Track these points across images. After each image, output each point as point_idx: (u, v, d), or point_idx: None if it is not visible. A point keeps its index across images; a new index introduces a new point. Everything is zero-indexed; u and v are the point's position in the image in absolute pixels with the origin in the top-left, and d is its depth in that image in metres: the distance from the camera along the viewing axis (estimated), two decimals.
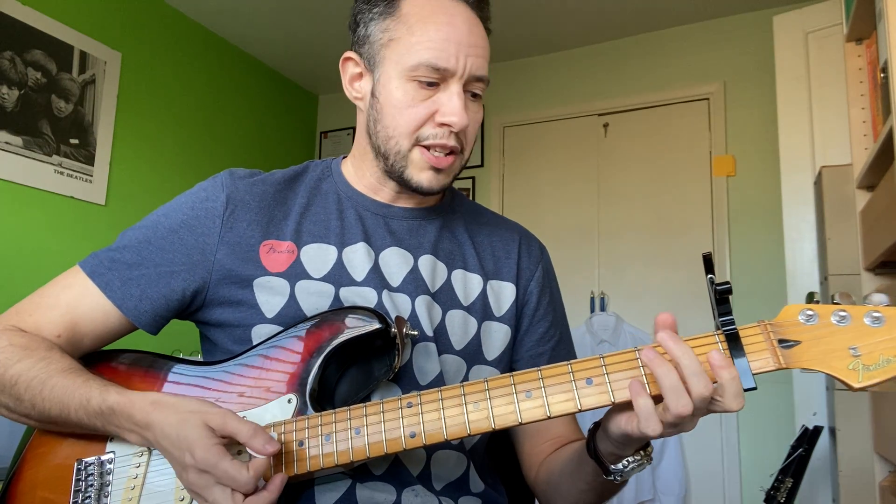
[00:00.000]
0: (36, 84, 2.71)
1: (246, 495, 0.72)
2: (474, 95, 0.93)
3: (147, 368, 0.92)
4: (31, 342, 0.87)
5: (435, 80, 0.89)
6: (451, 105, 0.89)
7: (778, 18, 2.65)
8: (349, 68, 0.98)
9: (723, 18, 3.37)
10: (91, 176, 2.90)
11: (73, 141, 2.84)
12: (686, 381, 0.69)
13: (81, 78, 2.89)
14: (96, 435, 0.86)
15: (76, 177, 2.84)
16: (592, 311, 3.44)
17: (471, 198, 3.76)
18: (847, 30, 1.82)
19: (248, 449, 0.74)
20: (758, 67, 3.20)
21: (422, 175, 0.93)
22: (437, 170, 0.92)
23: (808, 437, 2.11)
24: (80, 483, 0.85)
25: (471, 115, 0.93)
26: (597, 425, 0.80)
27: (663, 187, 3.41)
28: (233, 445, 0.77)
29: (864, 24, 1.74)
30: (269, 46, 3.77)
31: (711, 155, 3.34)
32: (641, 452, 0.78)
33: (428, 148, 0.91)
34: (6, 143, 2.59)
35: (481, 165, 3.85)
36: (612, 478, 0.79)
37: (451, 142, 0.91)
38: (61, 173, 2.78)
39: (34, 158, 2.68)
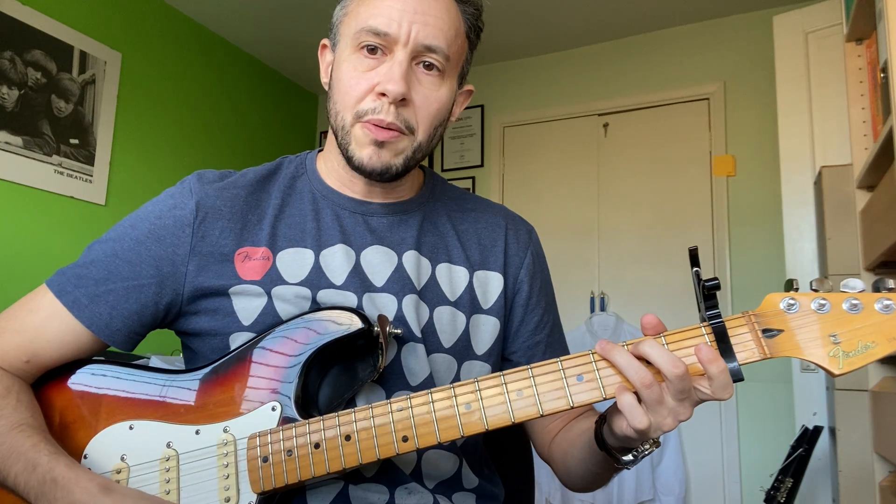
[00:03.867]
0: (36, 84, 2.71)
1: None
2: (429, 67, 0.86)
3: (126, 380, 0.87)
4: None
5: (377, 45, 0.85)
6: (388, 73, 0.84)
7: (778, 18, 2.65)
8: (326, 56, 0.96)
9: (723, 18, 3.37)
10: (91, 176, 2.90)
11: (73, 141, 2.84)
12: (660, 369, 0.71)
13: (81, 78, 2.89)
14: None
15: (76, 177, 2.84)
16: (592, 311, 3.44)
17: None
18: (847, 30, 1.82)
19: None
20: (758, 67, 3.20)
21: (363, 152, 0.87)
22: (378, 143, 0.86)
23: (808, 437, 2.11)
24: None
25: (421, 89, 0.86)
26: (602, 418, 0.80)
27: (663, 187, 3.41)
28: None
29: (864, 24, 1.74)
30: (269, 46, 3.76)
31: (711, 155, 3.34)
32: (649, 440, 0.78)
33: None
34: (6, 143, 2.59)
35: (481, 165, 3.84)
36: (622, 466, 0.80)
37: (389, 117, 0.84)
38: (61, 173, 2.78)
39: (34, 158, 2.68)
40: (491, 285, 0.98)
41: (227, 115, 3.67)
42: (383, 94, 0.84)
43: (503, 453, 1.12)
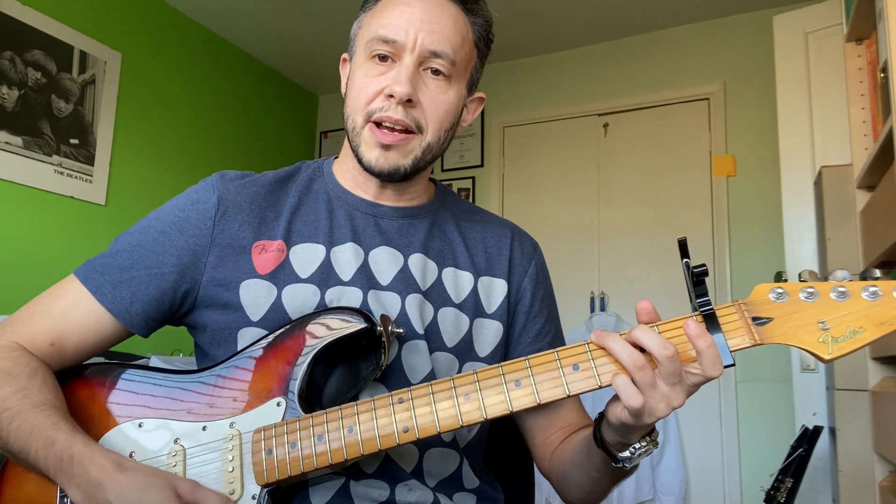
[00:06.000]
0: (36, 84, 2.71)
1: None
2: (436, 73, 0.92)
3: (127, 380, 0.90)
4: (14, 367, 0.85)
5: (387, 52, 0.91)
6: (396, 76, 0.90)
7: (778, 18, 2.65)
8: (346, 69, 1.02)
9: (723, 18, 3.37)
10: (91, 176, 2.90)
11: (73, 141, 2.84)
12: (651, 352, 0.73)
13: (81, 78, 2.89)
14: None
15: (76, 177, 2.84)
16: (592, 311, 3.44)
17: (470, 198, 3.77)
18: (847, 30, 1.82)
19: None
20: (758, 67, 3.20)
21: (371, 153, 0.92)
22: (385, 146, 0.91)
23: (808, 437, 2.11)
24: (66, 500, 0.82)
25: (428, 92, 0.92)
26: (601, 416, 0.82)
27: (663, 187, 3.41)
28: None
29: (864, 24, 1.74)
30: (270, 46, 3.77)
31: (711, 155, 3.34)
32: (647, 438, 0.79)
33: (378, 125, 0.91)
34: (6, 143, 2.59)
35: (481, 165, 3.84)
36: (621, 465, 0.80)
37: (398, 114, 0.90)
38: (61, 173, 2.78)
39: (34, 158, 2.68)
40: (495, 291, 1.01)
41: (227, 115, 3.67)
42: (391, 96, 0.90)
43: (504, 454, 1.13)
